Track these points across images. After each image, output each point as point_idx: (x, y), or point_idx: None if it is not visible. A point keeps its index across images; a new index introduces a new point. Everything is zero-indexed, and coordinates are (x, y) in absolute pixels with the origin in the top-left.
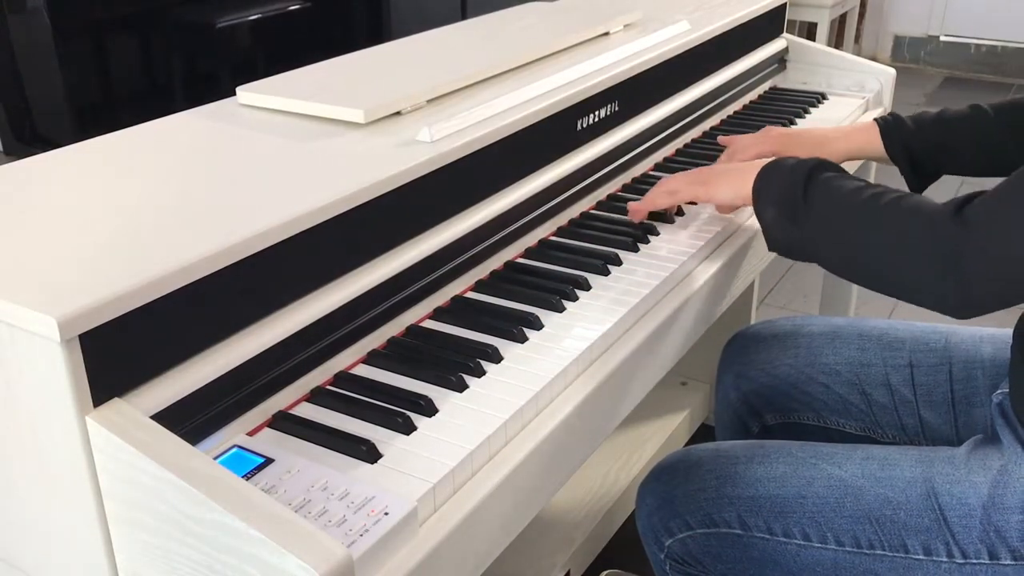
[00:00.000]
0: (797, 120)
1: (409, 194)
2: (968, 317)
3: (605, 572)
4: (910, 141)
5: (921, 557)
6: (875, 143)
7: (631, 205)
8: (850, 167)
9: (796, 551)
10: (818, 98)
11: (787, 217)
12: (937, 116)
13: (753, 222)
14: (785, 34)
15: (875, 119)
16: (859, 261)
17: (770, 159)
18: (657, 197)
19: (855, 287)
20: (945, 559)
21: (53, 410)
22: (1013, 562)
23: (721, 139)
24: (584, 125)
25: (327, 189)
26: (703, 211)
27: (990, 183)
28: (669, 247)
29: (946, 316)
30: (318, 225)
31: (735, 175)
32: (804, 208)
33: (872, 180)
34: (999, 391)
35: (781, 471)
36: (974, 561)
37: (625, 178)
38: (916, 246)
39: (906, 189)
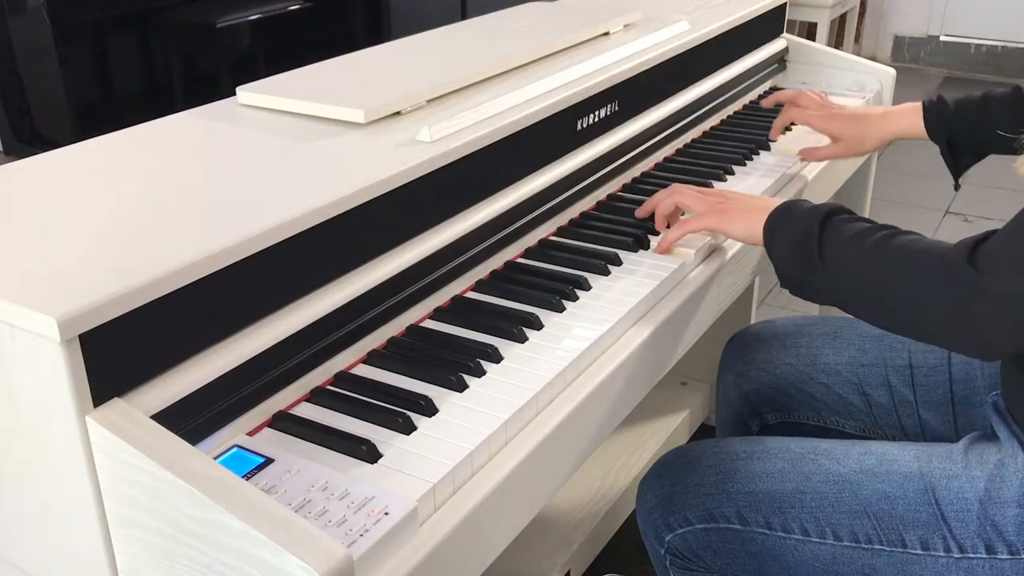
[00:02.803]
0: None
1: (409, 194)
2: (993, 359)
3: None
4: (950, 121)
5: (919, 551)
6: (917, 124)
7: (643, 210)
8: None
9: (795, 546)
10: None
11: (801, 261)
12: (981, 97)
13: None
14: (785, 34)
15: (923, 100)
16: (879, 306)
17: (781, 202)
18: (673, 227)
19: None
20: (943, 553)
21: (53, 410)
22: (1009, 556)
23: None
24: (584, 125)
25: (327, 189)
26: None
27: (993, 182)
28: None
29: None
30: (318, 225)
31: (750, 214)
32: (819, 253)
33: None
34: (994, 393)
35: (780, 467)
36: (971, 555)
37: (625, 178)
38: (931, 291)
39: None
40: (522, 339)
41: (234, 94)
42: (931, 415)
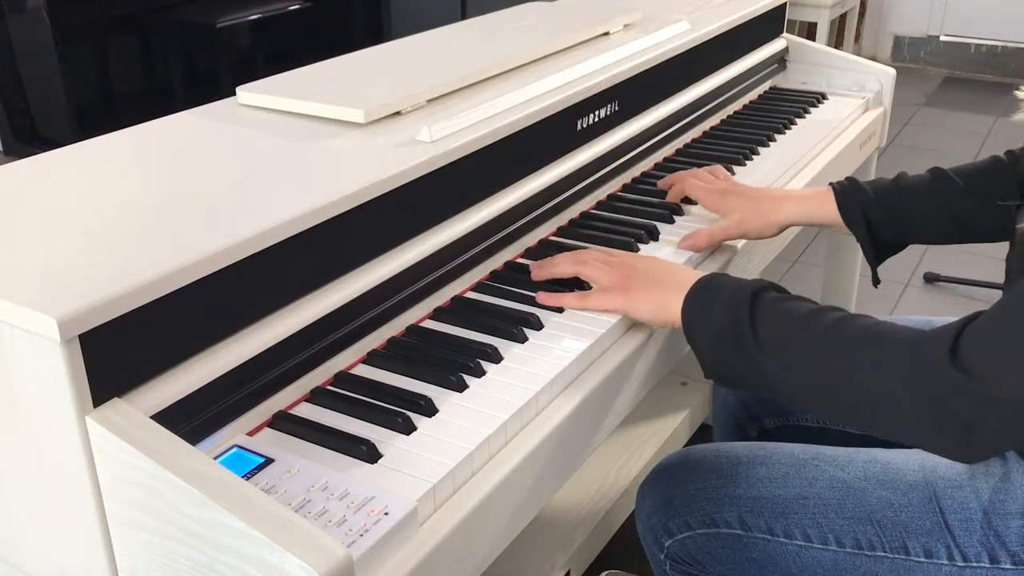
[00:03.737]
0: (797, 120)
1: (409, 194)
2: (976, 462)
3: (605, 572)
4: (869, 209)
5: (922, 559)
6: (829, 208)
7: (537, 274)
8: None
9: (797, 552)
10: (818, 98)
11: (730, 345)
12: (895, 183)
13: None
14: (785, 34)
15: (830, 183)
16: (830, 396)
17: (699, 277)
18: (573, 298)
19: (855, 290)
20: (946, 562)
21: (53, 410)
22: (1013, 566)
23: (661, 183)
24: (584, 125)
25: (327, 189)
26: (705, 211)
27: (953, 251)
28: (669, 247)
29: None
30: (318, 225)
31: (659, 293)
32: (752, 337)
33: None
34: None
35: (783, 472)
36: (974, 564)
37: (625, 178)
38: (902, 385)
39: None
40: (522, 339)
41: (234, 94)
42: None
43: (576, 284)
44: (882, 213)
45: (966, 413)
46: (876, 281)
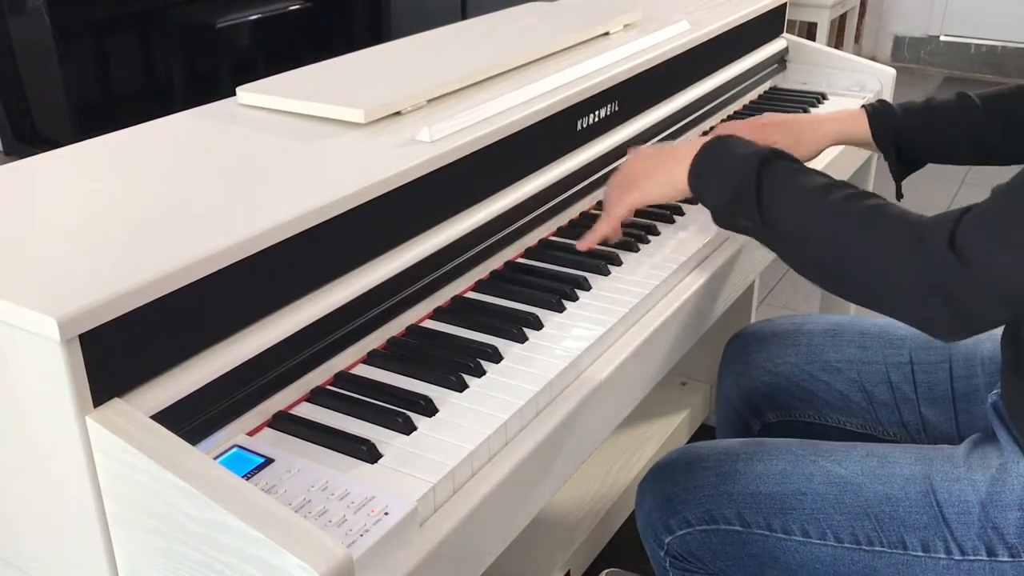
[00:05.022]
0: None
1: (409, 194)
2: (952, 341)
3: (605, 571)
4: (899, 129)
5: (920, 554)
6: (863, 129)
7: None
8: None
9: (796, 547)
10: (818, 98)
11: (737, 212)
12: (925, 105)
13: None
14: (785, 34)
15: (863, 105)
16: (828, 270)
17: (702, 142)
18: (602, 226)
19: None
20: (943, 556)
21: (53, 410)
22: (1010, 559)
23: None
24: (584, 125)
25: (327, 189)
26: (705, 210)
27: (991, 182)
28: (669, 247)
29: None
30: (318, 225)
31: (664, 169)
32: (756, 203)
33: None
34: (994, 391)
35: (781, 468)
36: (972, 558)
37: None
38: (902, 268)
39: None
40: (522, 339)
41: (234, 94)
42: (932, 412)
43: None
44: (909, 132)
45: (957, 295)
46: (899, 196)
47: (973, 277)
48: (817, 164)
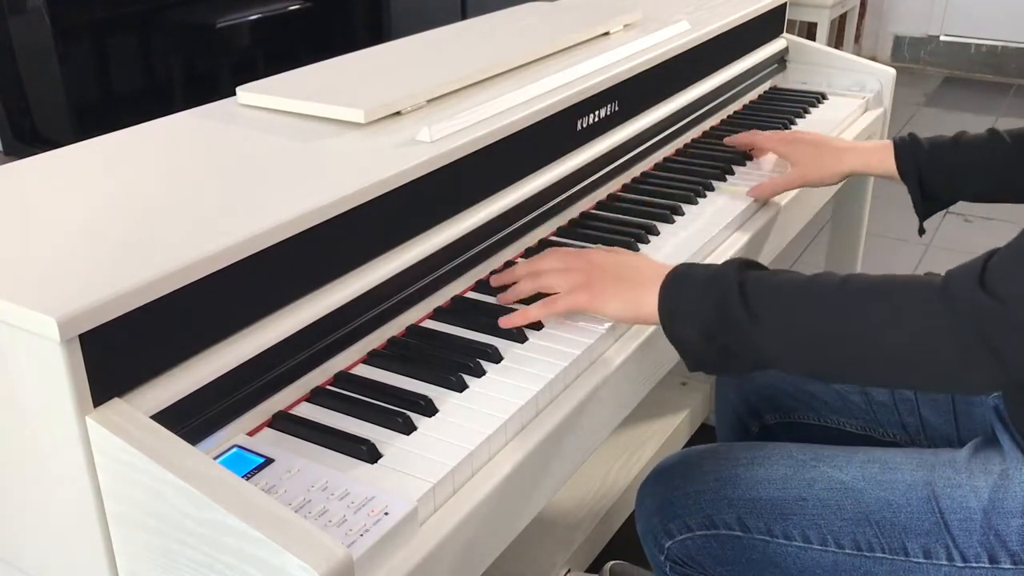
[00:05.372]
0: (797, 120)
1: (409, 194)
2: (991, 393)
3: (609, 563)
4: (923, 162)
5: (921, 560)
6: (888, 160)
7: (501, 297)
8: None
9: (796, 553)
10: (818, 98)
11: (720, 331)
12: (953, 139)
13: (765, 213)
14: (785, 34)
15: (893, 138)
16: (851, 359)
17: (670, 269)
18: (535, 311)
19: None
20: (945, 562)
21: (53, 410)
22: (1013, 566)
23: (737, 138)
24: (584, 125)
25: (327, 189)
26: (705, 210)
27: (998, 209)
28: (669, 247)
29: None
30: (318, 225)
31: (627, 289)
32: (747, 317)
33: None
34: (995, 395)
35: (781, 473)
36: (974, 565)
37: (625, 178)
38: (930, 327)
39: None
40: (522, 339)
41: (234, 94)
42: (932, 414)
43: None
44: (935, 169)
45: (997, 338)
46: (922, 231)
47: (1013, 315)
48: None
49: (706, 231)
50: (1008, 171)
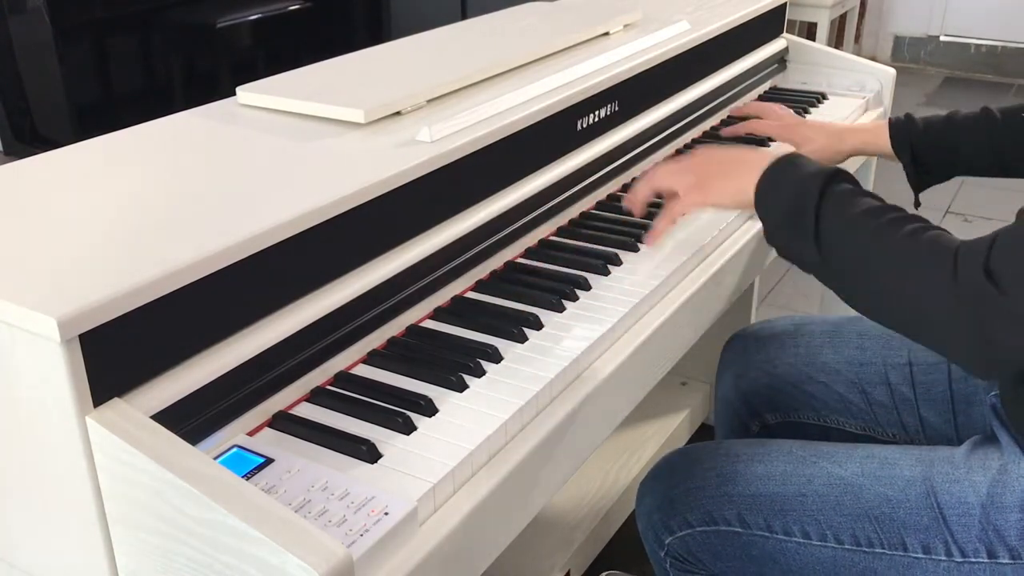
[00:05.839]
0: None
1: (409, 194)
2: (987, 378)
3: (605, 573)
4: (916, 139)
5: (920, 555)
6: (884, 139)
7: (628, 200)
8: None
9: (796, 549)
10: (818, 98)
11: (793, 228)
12: (946, 117)
13: (754, 220)
14: (785, 34)
15: (889, 118)
16: (872, 300)
17: (773, 158)
18: (662, 222)
19: None
20: (944, 557)
21: (53, 410)
22: (1011, 561)
23: (737, 128)
24: (584, 125)
25: (327, 189)
26: (704, 210)
27: (993, 183)
28: (670, 247)
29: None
30: (318, 225)
31: (734, 176)
32: (814, 229)
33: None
34: (993, 392)
35: (781, 469)
36: (972, 560)
37: (625, 178)
38: (938, 297)
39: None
40: (522, 339)
41: (234, 94)
42: (931, 413)
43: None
44: (927, 145)
45: (989, 323)
46: (917, 204)
47: (1009, 305)
48: None
49: (706, 231)
50: (998, 147)
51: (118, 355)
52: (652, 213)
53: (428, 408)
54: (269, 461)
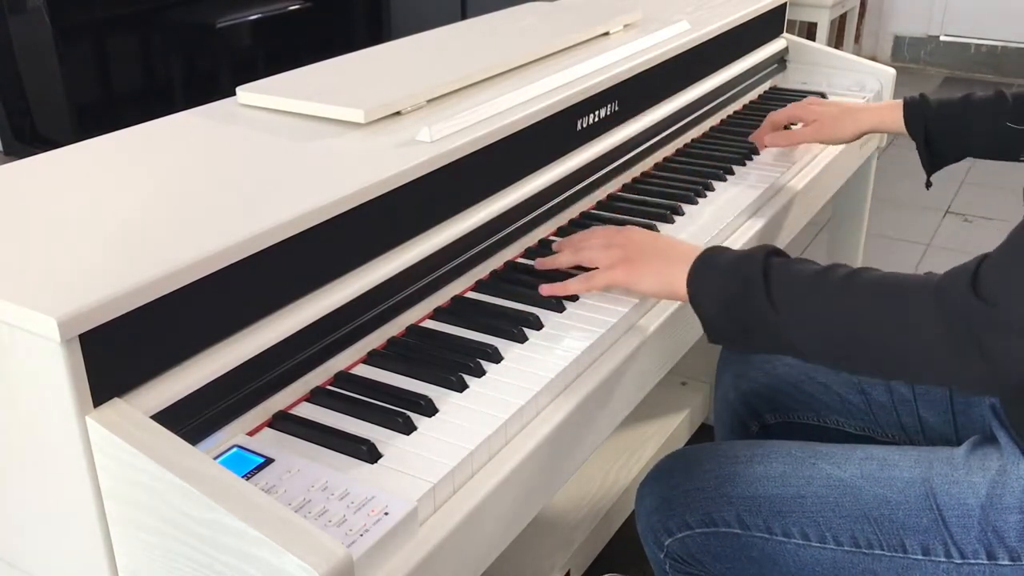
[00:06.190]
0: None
1: (409, 194)
2: (1005, 396)
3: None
4: (930, 120)
5: (919, 557)
6: (899, 118)
7: (541, 264)
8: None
9: (795, 550)
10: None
11: (741, 310)
12: (961, 98)
13: (766, 212)
14: (785, 34)
15: (904, 97)
16: (854, 351)
17: (701, 251)
18: (575, 285)
19: None
20: (943, 559)
21: (53, 410)
22: (1010, 562)
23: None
24: (584, 125)
25: (327, 189)
26: (704, 210)
27: (993, 183)
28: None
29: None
30: (318, 225)
31: (663, 266)
32: (767, 299)
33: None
34: None
35: (780, 470)
36: (972, 561)
37: (625, 178)
38: (927, 329)
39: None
40: (522, 339)
41: (234, 94)
42: (930, 414)
43: (582, 270)
44: (939, 125)
45: (987, 340)
46: (928, 184)
47: (1002, 317)
48: (818, 166)
49: (706, 230)
50: (1006, 130)
51: (118, 355)
52: (652, 213)
53: (428, 408)
54: (269, 461)
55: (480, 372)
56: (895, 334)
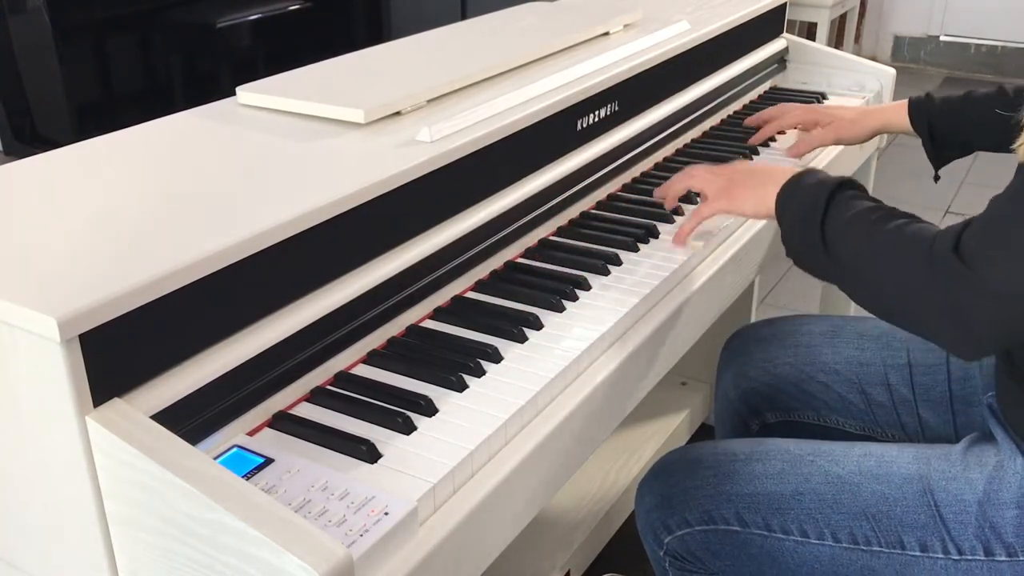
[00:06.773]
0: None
1: (409, 194)
2: (974, 358)
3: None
4: (934, 117)
5: (917, 553)
6: (904, 117)
7: (658, 192)
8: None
9: (794, 547)
10: (818, 98)
11: (805, 235)
12: (964, 95)
13: (752, 222)
14: (785, 34)
15: (909, 97)
16: (868, 290)
17: (792, 172)
18: (687, 217)
19: None
20: (941, 555)
21: (53, 410)
22: (1008, 558)
23: (762, 114)
24: (584, 125)
25: (327, 189)
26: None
27: (992, 183)
28: (669, 247)
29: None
30: (318, 225)
31: (759, 189)
32: (820, 231)
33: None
34: (990, 393)
35: (779, 468)
36: (969, 557)
37: (625, 178)
38: (915, 279)
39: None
40: (522, 339)
41: (234, 94)
42: (930, 414)
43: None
44: (944, 122)
45: (964, 300)
46: (936, 178)
47: (977, 281)
48: (819, 163)
49: (708, 229)
50: (1007, 123)
51: (118, 355)
52: (652, 213)
53: (428, 408)
54: (269, 461)
55: (480, 372)
56: (894, 280)
